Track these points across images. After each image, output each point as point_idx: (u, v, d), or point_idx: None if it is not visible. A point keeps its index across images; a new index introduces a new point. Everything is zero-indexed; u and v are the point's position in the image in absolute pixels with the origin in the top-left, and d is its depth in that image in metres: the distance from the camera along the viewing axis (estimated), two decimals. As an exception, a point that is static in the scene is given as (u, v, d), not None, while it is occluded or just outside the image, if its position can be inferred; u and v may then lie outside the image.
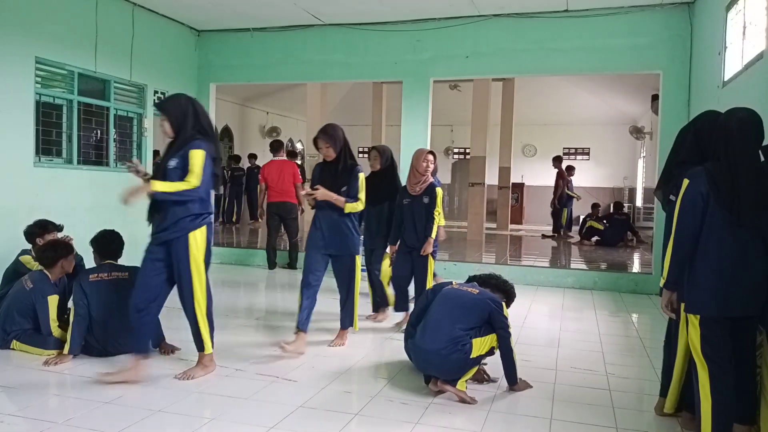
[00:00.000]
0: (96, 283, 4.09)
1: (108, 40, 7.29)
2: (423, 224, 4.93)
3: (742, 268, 2.69)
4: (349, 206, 4.32)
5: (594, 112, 16.94)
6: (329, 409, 3.35)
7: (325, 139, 4.34)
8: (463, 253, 9.94)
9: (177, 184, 3.54)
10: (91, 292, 4.05)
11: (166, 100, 3.82)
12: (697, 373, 2.78)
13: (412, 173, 5.04)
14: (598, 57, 7.44)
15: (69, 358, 4.00)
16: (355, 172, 4.39)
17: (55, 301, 4.20)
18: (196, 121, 3.69)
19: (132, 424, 3.05)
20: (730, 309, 2.72)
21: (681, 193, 2.78)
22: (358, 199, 4.37)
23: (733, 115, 2.82)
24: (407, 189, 5.08)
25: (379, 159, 5.55)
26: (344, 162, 4.37)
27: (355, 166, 4.41)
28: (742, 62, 5.21)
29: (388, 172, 5.56)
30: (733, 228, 2.69)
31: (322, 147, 4.36)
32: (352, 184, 4.36)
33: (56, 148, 6.83)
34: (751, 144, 2.77)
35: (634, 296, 7.12)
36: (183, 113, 3.66)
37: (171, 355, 4.23)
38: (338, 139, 4.35)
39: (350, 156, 4.43)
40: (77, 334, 4.00)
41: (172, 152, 3.64)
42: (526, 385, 3.71)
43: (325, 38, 8.40)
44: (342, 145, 4.37)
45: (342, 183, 4.34)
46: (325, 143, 4.35)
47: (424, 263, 4.98)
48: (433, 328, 3.56)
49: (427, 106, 8.14)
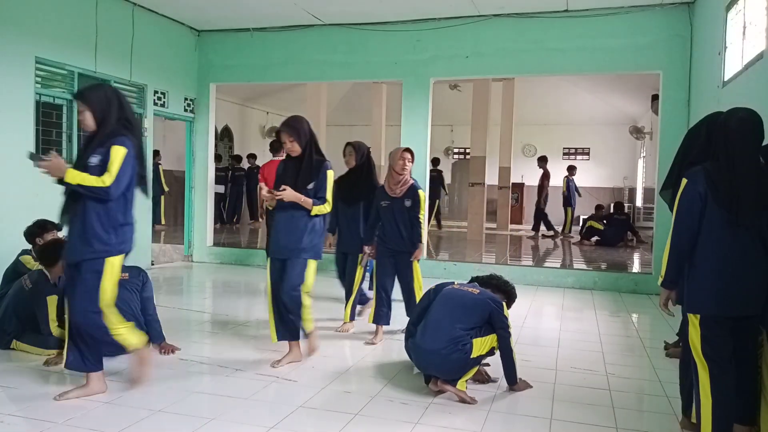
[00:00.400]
0: None
1: (108, 40, 7.29)
2: (409, 230, 4.70)
3: (742, 268, 2.69)
4: (316, 209, 3.92)
5: (594, 112, 16.93)
6: (329, 409, 3.35)
7: (288, 132, 3.95)
8: (463, 253, 9.94)
9: (89, 178, 3.19)
10: None
11: (88, 89, 3.44)
12: (697, 373, 2.78)
13: (390, 174, 4.78)
14: (598, 57, 7.45)
15: None
16: (323, 168, 3.98)
17: (54, 301, 4.20)
18: (121, 113, 3.35)
19: (132, 424, 3.05)
20: (730, 309, 2.72)
21: (680, 192, 2.78)
22: (326, 200, 3.97)
23: (733, 114, 2.82)
24: (385, 190, 4.79)
25: (354, 155, 5.24)
26: (310, 158, 3.96)
27: (323, 162, 4.01)
28: (742, 62, 5.21)
29: (364, 170, 5.24)
30: (732, 228, 2.68)
31: (285, 141, 3.96)
32: (320, 182, 3.95)
33: (56, 148, 6.82)
34: (751, 144, 2.77)
35: (634, 296, 7.12)
36: (107, 103, 3.31)
37: (171, 355, 4.22)
38: (303, 132, 3.96)
39: (317, 151, 4.02)
40: None
41: (93, 147, 3.29)
42: (526, 385, 3.71)
43: (325, 38, 8.40)
44: (308, 139, 3.97)
45: (307, 180, 3.93)
46: (289, 137, 3.95)
47: (410, 267, 4.78)
48: (433, 328, 3.56)
49: (427, 106, 8.14)
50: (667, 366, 4.30)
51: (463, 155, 18.78)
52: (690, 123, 6.98)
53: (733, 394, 2.74)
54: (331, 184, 4.01)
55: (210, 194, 9.22)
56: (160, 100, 8.30)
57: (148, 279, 4.35)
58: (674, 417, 3.30)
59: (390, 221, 4.74)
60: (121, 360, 4.04)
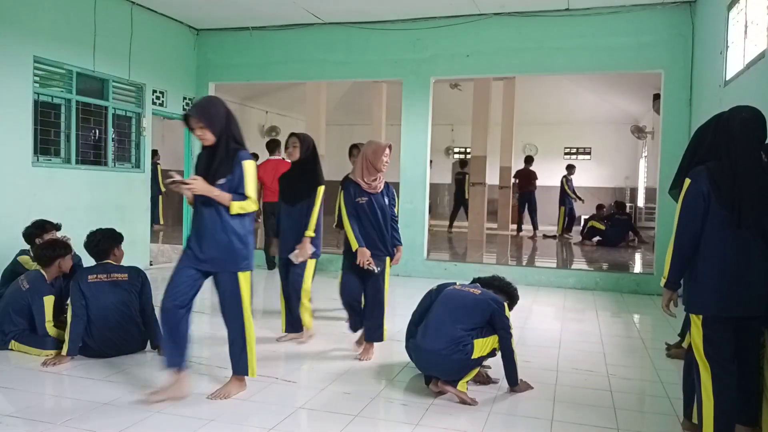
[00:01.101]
0: (95, 284, 4.07)
1: (106, 39, 7.27)
2: (389, 230, 4.30)
3: (745, 268, 2.68)
4: (236, 205, 3.27)
5: (595, 112, 16.91)
6: (329, 410, 3.32)
7: (197, 117, 3.26)
8: (463, 254, 9.92)
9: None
10: (89, 293, 4.03)
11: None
12: (699, 374, 2.76)
13: (367, 169, 4.20)
14: (599, 56, 7.42)
15: (67, 359, 3.98)
16: (238, 159, 3.29)
17: (50, 302, 4.18)
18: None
19: (132, 424, 3.03)
20: (732, 309, 2.71)
21: (683, 192, 2.77)
22: (246, 196, 3.31)
23: (736, 114, 2.80)
24: (360, 186, 4.21)
25: (298, 147, 4.60)
26: (226, 146, 3.30)
27: (238, 150, 3.32)
28: (743, 61, 5.19)
29: (309, 164, 4.62)
30: (734, 228, 2.67)
31: (195, 128, 3.28)
32: (236, 175, 3.29)
33: (54, 148, 6.81)
34: (754, 143, 2.75)
35: (635, 297, 7.10)
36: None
37: None
38: (217, 116, 3.28)
39: (235, 139, 3.34)
40: (75, 335, 3.98)
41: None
42: (527, 386, 3.69)
43: (325, 37, 8.37)
44: (224, 124, 3.30)
45: (220, 173, 3.27)
46: (198, 123, 3.26)
47: (383, 272, 4.28)
48: (434, 328, 3.55)
49: (427, 106, 8.12)
50: (668, 367, 4.28)
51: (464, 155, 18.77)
52: (692, 122, 6.96)
53: (734, 394, 2.72)
54: (252, 176, 3.34)
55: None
56: (158, 99, 8.28)
57: (147, 280, 4.33)
58: (676, 418, 3.28)
59: (368, 220, 4.22)
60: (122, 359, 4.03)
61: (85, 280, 4.06)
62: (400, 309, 5.95)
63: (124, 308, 4.13)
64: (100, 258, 4.26)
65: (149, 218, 8.13)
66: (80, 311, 3.99)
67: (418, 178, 8.13)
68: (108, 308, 4.05)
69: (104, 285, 4.09)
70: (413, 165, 8.14)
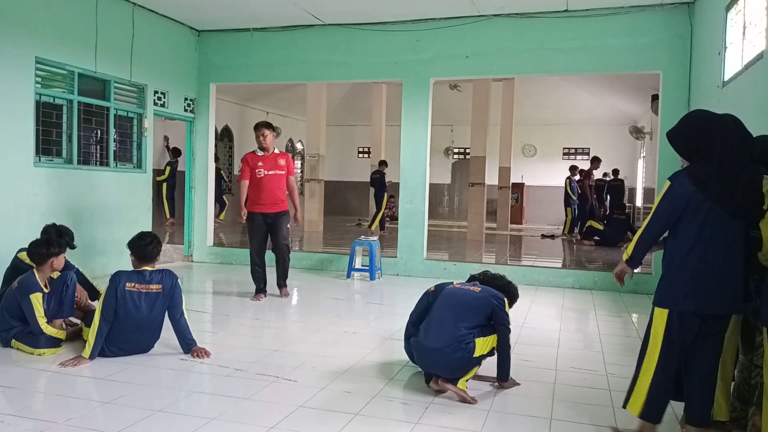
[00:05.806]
0: (130, 293, 4.02)
1: (108, 40, 7.29)
2: None
3: (717, 267, 2.75)
4: None
5: (594, 112, 16.94)
6: (329, 409, 3.34)
7: None
8: (463, 253, 9.95)
9: None
10: (122, 300, 3.99)
11: None
12: (645, 355, 2.91)
13: None
14: (598, 57, 7.45)
15: (87, 362, 3.95)
16: None
17: (38, 298, 4.17)
18: None
19: (132, 424, 3.05)
20: (702, 306, 2.78)
21: (662, 192, 2.85)
22: None
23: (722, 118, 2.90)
24: None
25: None
26: None
27: None
28: (742, 62, 5.21)
29: None
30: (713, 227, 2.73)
31: None
32: None
33: (56, 148, 6.83)
34: (739, 143, 2.83)
35: (634, 296, 7.12)
36: None
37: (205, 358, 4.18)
38: None
39: None
40: (100, 338, 3.96)
41: None
42: (514, 383, 3.74)
43: (325, 38, 8.40)
44: None
45: None
46: None
47: None
48: (437, 327, 3.58)
49: (427, 106, 8.14)
50: (667, 366, 4.29)
51: (463, 155, 18.78)
52: (690, 123, 6.98)
53: (672, 381, 2.89)
54: None
55: (210, 194, 9.22)
56: (160, 100, 8.31)
57: (179, 286, 4.25)
58: (674, 417, 3.30)
59: None
60: (123, 358, 4.04)
61: (123, 285, 4.01)
62: (400, 308, 5.98)
63: (149, 319, 4.10)
64: (141, 261, 4.17)
65: (151, 219, 8.15)
66: (110, 316, 3.96)
67: (418, 179, 8.16)
68: (133, 317, 4.03)
69: (139, 296, 4.05)
70: (413, 165, 8.17)
